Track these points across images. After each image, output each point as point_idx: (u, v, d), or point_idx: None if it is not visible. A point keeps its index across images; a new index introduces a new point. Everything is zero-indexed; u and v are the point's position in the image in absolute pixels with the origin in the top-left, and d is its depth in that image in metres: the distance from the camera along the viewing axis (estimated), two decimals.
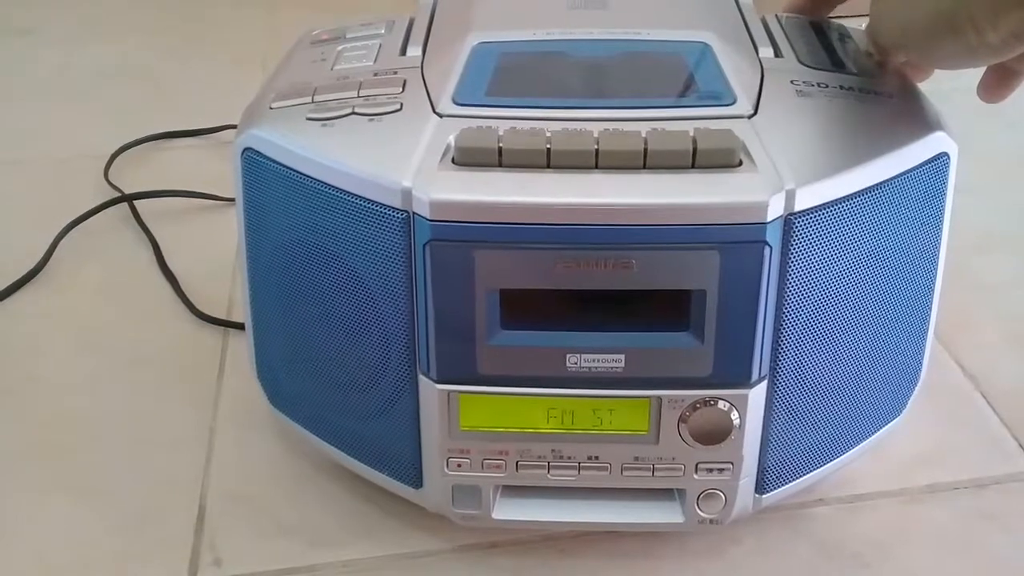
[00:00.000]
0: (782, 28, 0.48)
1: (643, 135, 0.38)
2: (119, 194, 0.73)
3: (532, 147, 0.38)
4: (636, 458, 0.42)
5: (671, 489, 0.43)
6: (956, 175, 0.42)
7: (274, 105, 0.43)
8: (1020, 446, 0.53)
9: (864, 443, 0.46)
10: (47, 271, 0.67)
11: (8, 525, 0.49)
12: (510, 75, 0.43)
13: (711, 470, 0.42)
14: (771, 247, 0.37)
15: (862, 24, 0.44)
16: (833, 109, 0.41)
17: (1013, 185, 0.76)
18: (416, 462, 0.44)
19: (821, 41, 0.47)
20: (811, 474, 0.45)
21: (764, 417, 0.41)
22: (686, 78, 0.43)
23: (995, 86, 0.41)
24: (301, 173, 0.40)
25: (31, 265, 0.66)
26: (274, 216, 0.42)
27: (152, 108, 0.89)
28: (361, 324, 0.41)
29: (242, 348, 0.51)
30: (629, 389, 0.40)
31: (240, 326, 0.59)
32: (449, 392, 0.41)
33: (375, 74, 0.44)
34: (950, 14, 0.35)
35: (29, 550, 0.48)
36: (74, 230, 0.70)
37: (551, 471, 0.43)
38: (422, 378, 0.41)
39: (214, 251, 0.67)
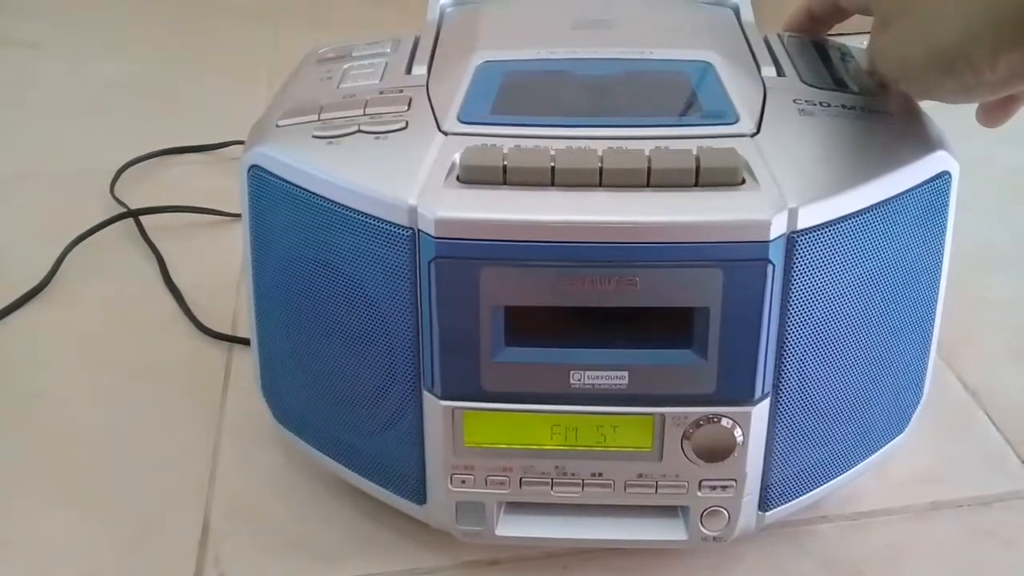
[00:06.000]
0: (784, 47, 0.48)
1: (647, 153, 0.38)
2: (125, 209, 0.73)
3: (536, 165, 0.38)
4: (640, 475, 0.42)
5: (675, 506, 0.43)
6: (958, 193, 0.42)
7: (280, 123, 0.43)
8: (1023, 463, 0.53)
9: (867, 460, 0.46)
10: (53, 286, 0.67)
11: (12, 538, 0.49)
12: (515, 94, 0.43)
13: (714, 487, 0.42)
14: (774, 265, 0.38)
15: (863, 42, 0.44)
16: (835, 128, 0.41)
17: (1015, 202, 0.76)
18: (420, 478, 0.44)
19: (823, 60, 0.47)
20: (814, 491, 0.45)
21: (767, 434, 0.42)
22: (689, 97, 0.43)
23: (994, 111, 0.42)
24: (307, 190, 0.41)
25: (37, 280, 0.66)
26: (280, 233, 0.43)
27: (158, 124, 0.90)
28: (366, 340, 0.42)
29: (246, 363, 0.51)
30: (633, 406, 0.40)
31: (245, 341, 0.59)
32: (453, 408, 0.41)
33: (381, 92, 0.44)
34: (947, 55, 0.36)
35: (33, 564, 0.48)
36: (80, 245, 0.70)
37: (555, 488, 0.43)
38: (426, 394, 0.41)
39: (219, 266, 0.68)
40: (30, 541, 0.49)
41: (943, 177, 0.41)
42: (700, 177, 0.38)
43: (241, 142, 0.45)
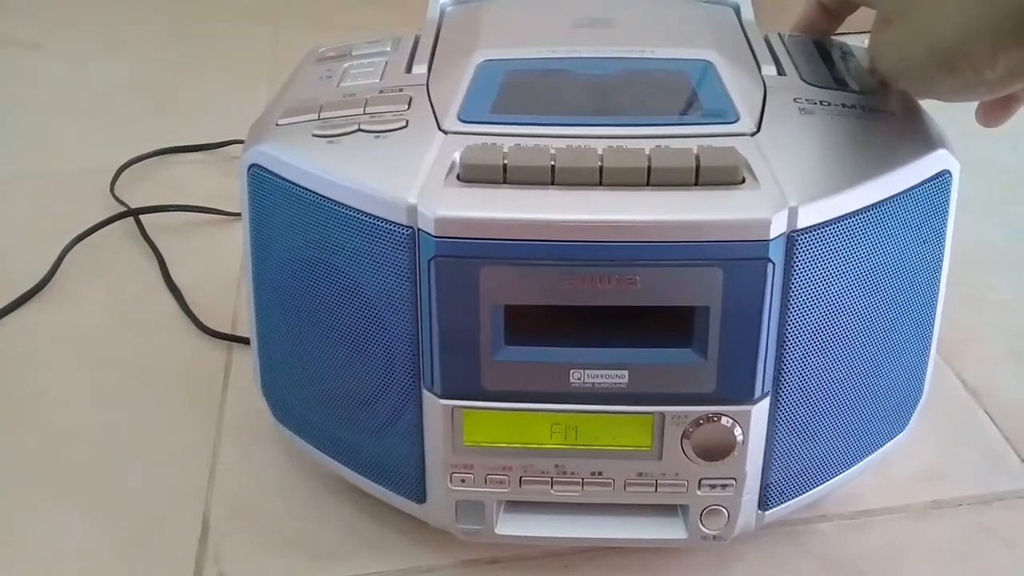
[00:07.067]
0: (785, 46, 0.48)
1: (647, 152, 0.38)
2: (125, 208, 0.73)
3: (537, 164, 0.38)
4: (639, 474, 0.42)
5: (674, 505, 0.43)
6: (958, 192, 0.42)
7: (281, 122, 0.43)
8: (1023, 462, 0.53)
9: (867, 459, 0.46)
10: (53, 285, 0.67)
11: (13, 538, 0.49)
12: (515, 92, 0.43)
13: (714, 486, 0.42)
14: (774, 264, 0.38)
15: (864, 41, 0.44)
16: (836, 127, 0.41)
17: (1015, 203, 0.76)
18: (420, 477, 0.44)
19: (824, 59, 0.47)
20: (814, 490, 0.45)
21: (767, 433, 0.42)
22: (689, 96, 0.43)
23: (994, 111, 0.41)
24: (307, 189, 0.41)
25: (37, 279, 0.66)
26: (280, 232, 0.43)
27: (158, 123, 0.90)
28: (366, 339, 0.42)
29: (246, 363, 0.51)
30: (632, 405, 0.40)
31: (244, 340, 0.59)
32: (453, 407, 0.41)
33: (381, 91, 0.44)
34: (947, 53, 0.36)
35: (33, 563, 0.48)
36: (80, 244, 0.70)
37: (554, 486, 0.43)
38: (426, 393, 0.41)
39: (219, 265, 0.68)
40: (30, 541, 0.49)
41: (943, 176, 0.41)
42: (700, 176, 0.38)
43: (241, 141, 0.45)
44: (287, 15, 1.13)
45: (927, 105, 0.45)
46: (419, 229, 0.38)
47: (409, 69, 0.47)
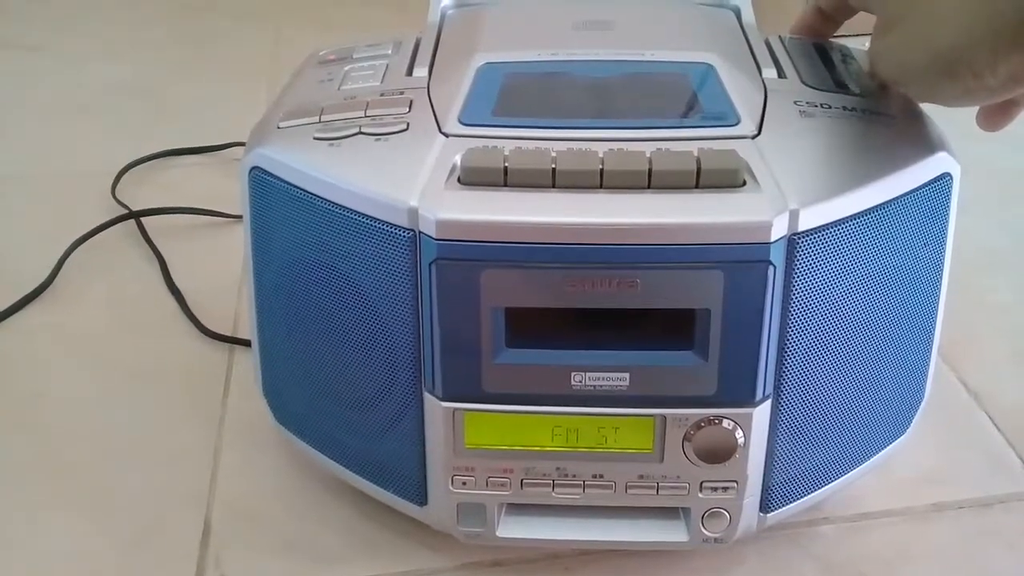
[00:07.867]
0: (785, 49, 0.48)
1: (648, 155, 0.38)
2: (126, 211, 0.73)
3: (537, 167, 0.38)
4: (641, 476, 0.42)
5: (676, 508, 0.43)
6: (959, 195, 0.42)
7: (282, 124, 0.43)
8: None
9: (869, 462, 0.46)
10: (54, 287, 0.67)
11: (13, 539, 0.49)
12: (516, 95, 0.43)
13: (715, 489, 0.42)
14: (775, 267, 0.38)
15: (864, 43, 0.44)
16: (836, 130, 0.41)
17: (1016, 204, 0.76)
18: (421, 480, 0.44)
19: (824, 62, 0.47)
20: (816, 493, 0.45)
21: (768, 436, 0.42)
22: (690, 98, 0.43)
23: (994, 115, 0.41)
24: (308, 192, 0.41)
25: (39, 281, 0.66)
26: (281, 234, 0.43)
27: (159, 125, 0.90)
28: (367, 342, 0.42)
29: (248, 365, 0.51)
30: (634, 407, 0.40)
31: (246, 343, 0.59)
32: (454, 410, 0.41)
33: (382, 94, 0.44)
34: (948, 59, 0.36)
35: (34, 566, 0.48)
36: (81, 247, 0.70)
37: (556, 489, 0.43)
38: (427, 396, 0.41)
39: (220, 268, 0.68)
40: (30, 541, 0.49)
41: (944, 179, 0.41)
42: (701, 179, 0.38)
43: (242, 143, 0.45)
44: (287, 17, 1.13)
45: (927, 108, 0.45)
46: (420, 232, 0.38)
47: (410, 72, 0.47)
